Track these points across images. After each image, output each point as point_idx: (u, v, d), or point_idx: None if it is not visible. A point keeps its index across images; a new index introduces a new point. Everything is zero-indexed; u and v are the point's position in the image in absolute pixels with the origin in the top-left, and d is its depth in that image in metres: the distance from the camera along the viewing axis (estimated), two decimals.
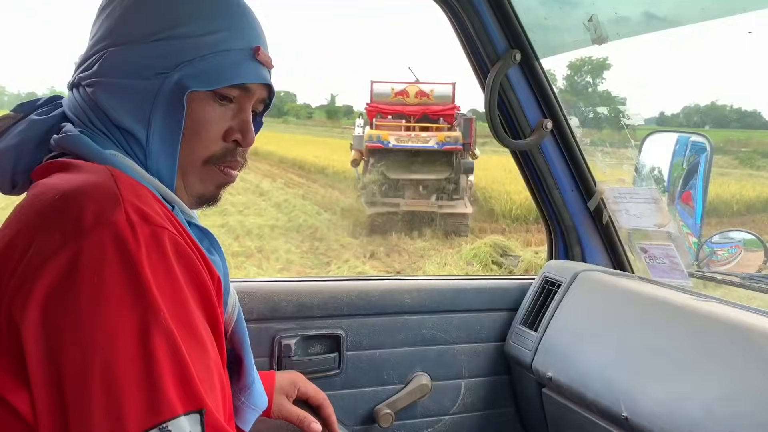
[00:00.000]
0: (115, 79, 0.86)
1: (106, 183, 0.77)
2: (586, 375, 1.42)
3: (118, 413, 0.66)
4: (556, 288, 1.65)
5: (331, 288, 1.60)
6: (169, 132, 0.87)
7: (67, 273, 0.69)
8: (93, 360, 0.67)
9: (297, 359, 1.53)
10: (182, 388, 0.70)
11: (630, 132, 1.82)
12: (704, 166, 1.77)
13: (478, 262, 10.74)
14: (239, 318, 1.03)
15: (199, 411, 0.70)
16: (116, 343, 0.68)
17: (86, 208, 0.73)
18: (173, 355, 0.70)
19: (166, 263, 0.74)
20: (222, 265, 0.93)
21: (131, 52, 0.86)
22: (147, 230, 0.73)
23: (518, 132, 1.70)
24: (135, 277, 0.70)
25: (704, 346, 1.24)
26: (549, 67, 1.66)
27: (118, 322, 0.68)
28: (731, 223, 11.87)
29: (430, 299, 1.67)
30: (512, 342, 1.70)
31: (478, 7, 1.53)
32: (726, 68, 19.25)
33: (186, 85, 0.85)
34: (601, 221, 1.78)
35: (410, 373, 1.66)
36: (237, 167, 0.96)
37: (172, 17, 0.87)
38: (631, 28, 1.48)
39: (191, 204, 0.94)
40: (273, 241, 11.72)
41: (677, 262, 1.69)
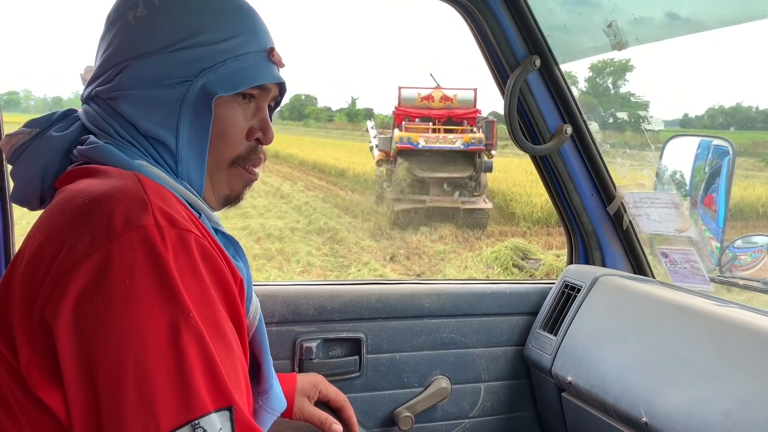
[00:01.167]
0: (138, 91, 0.89)
1: (134, 188, 0.79)
2: (605, 380, 1.43)
3: (151, 411, 0.68)
4: (576, 292, 1.65)
5: (352, 291, 1.62)
6: (197, 137, 0.91)
7: (98, 275, 0.71)
8: (125, 360, 0.69)
9: (318, 362, 1.55)
10: (212, 386, 0.72)
11: (653, 135, 1.81)
12: (727, 170, 1.76)
13: (498, 265, 10.71)
14: (260, 324, 1.04)
15: (228, 408, 0.72)
16: (148, 343, 0.70)
17: (116, 212, 0.74)
18: (203, 354, 0.72)
19: (192, 265, 0.76)
20: (246, 272, 0.95)
21: (152, 63, 0.89)
22: (174, 233, 0.75)
23: (538, 137, 1.70)
24: (164, 279, 0.72)
25: (725, 352, 1.24)
26: (570, 69, 1.67)
27: (149, 322, 0.70)
28: (756, 226, 11.71)
29: (449, 303, 1.68)
30: (532, 346, 1.71)
31: (497, 14, 1.54)
32: (752, 69, 18.92)
33: (212, 91, 0.89)
34: (621, 226, 1.78)
35: (430, 376, 1.68)
36: (259, 164, 1.00)
37: (189, 27, 0.90)
38: (651, 33, 1.48)
39: (217, 205, 0.98)
40: (293, 244, 11.80)
41: (698, 267, 1.68)
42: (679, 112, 23.32)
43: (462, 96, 14.75)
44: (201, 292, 0.76)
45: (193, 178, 0.92)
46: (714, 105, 20.71)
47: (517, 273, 10.40)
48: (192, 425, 0.69)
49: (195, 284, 0.75)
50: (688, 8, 1.42)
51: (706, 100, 37.13)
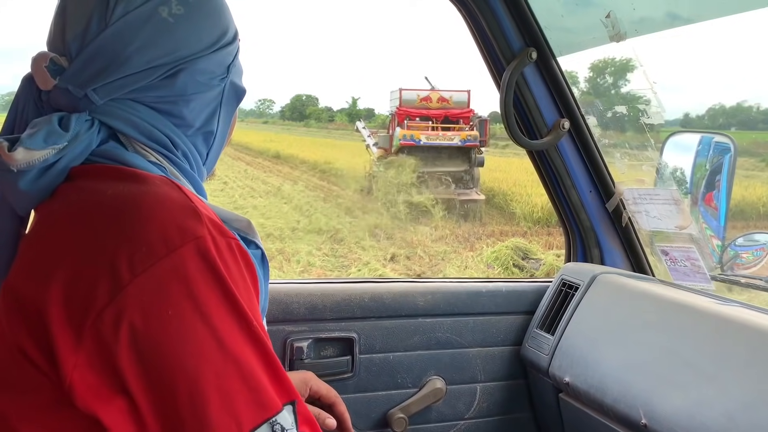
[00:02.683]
0: (198, 94, 0.89)
1: (179, 196, 0.77)
2: (603, 380, 1.39)
3: (233, 413, 0.69)
4: (574, 291, 1.62)
5: (344, 290, 1.58)
6: (225, 133, 0.96)
7: (160, 289, 0.70)
8: (203, 370, 0.69)
9: (309, 362, 1.51)
10: (277, 384, 0.74)
11: (653, 133, 1.78)
12: (728, 167, 1.73)
13: (499, 265, 10.72)
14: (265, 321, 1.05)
15: (292, 402, 0.75)
16: (220, 351, 0.70)
17: (170, 223, 0.73)
18: (264, 355, 0.74)
19: (241, 273, 0.77)
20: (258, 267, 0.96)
21: (204, 64, 0.88)
22: (224, 242, 0.76)
23: (534, 132, 1.67)
24: (224, 288, 0.72)
25: (726, 352, 1.20)
26: (570, 69, 1.64)
27: (218, 332, 0.71)
28: (757, 226, 11.69)
29: (444, 302, 1.65)
30: (528, 346, 1.67)
31: (493, 5, 1.51)
32: (753, 69, 18.70)
33: (241, 86, 0.94)
34: (621, 223, 1.74)
35: (424, 376, 1.64)
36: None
37: (222, 23, 0.91)
38: (650, 25, 1.44)
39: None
40: (294, 244, 11.80)
41: (699, 264, 1.65)
42: (680, 111, 23.29)
43: (457, 97, 16.62)
44: (249, 298, 0.77)
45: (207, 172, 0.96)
46: (715, 104, 20.64)
47: (517, 273, 10.40)
48: (270, 423, 0.71)
49: (245, 291, 0.76)
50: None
51: (708, 100, 37.11)
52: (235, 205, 15.01)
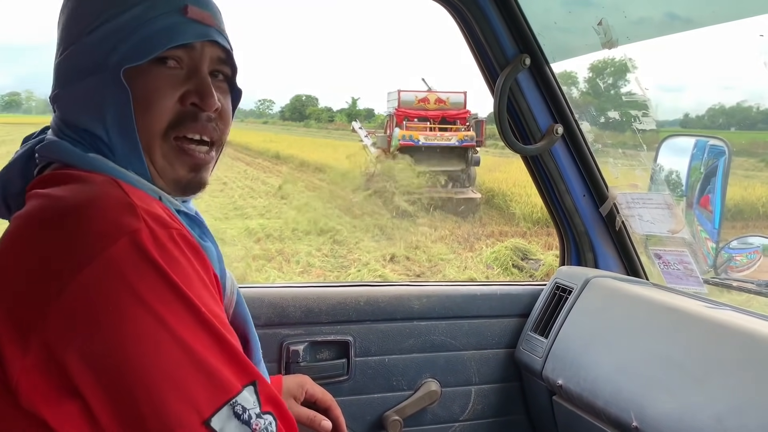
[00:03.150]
0: (70, 84, 0.89)
1: (116, 192, 0.78)
2: (596, 383, 1.41)
3: (190, 401, 0.71)
4: (567, 294, 1.63)
5: (340, 294, 1.60)
6: (123, 119, 0.87)
7: (99, 287, 0.71)
8: (153, 360, 0.71)
9: (305, 365, 1.53)
10: (234, 366, 0.76)
11: (653, 135, 1.79)
12: (722, 170, 1.74)
13: (498, 266, 10.71)
14: (239, 299, 1.03)
15: (252, 382, 0.77)
16: (168, 343, 0.72)
17: (106, 219, 0.74)
18: (218, 340, 0.75)
19: (188, 261, 0.78)
20: (215, 250, 0.94)
21: (76, 53, 0.88)
22: (165, 234, 0.76)
23: (528, 137, 1.68)
24: (165, 278, 0.73)
25: (716, 356, 1.22)
26: (571, 69, 1.64)
27: (165, 322, 0.72)
28: (757, 226, 11.68)
29: (439, 305, 1.66)
30: (523, 348, 1.69)
31: (487, 12, 1.52)
32: (753, 70, 18.89)
33: (122, 65, 0.85)
34: (614, 227, 1.75)
35: (419, 379, 1.65)
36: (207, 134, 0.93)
37: (98, 5, 0.88)
38: (643, 31, 1.46)
39: (176, 191, 0.93)
40: (293, 244, 11.79)
41: (692, 268, 1.66)
42: (680, 112, 23.26)
43: (453, 99, 17.06)
44: (201, 287, 0.78)
45: (135, 164, 0.89)
46: (715, 104, 20.59)
47: (517, 273, 10.40)
48: (230, 405, 0.73)
49: (194, 280, 0.77)
50: (680, 6, 1.40)
51: (708, 100, 36.97)
52: (235, 206, 15.01)
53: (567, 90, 1.68)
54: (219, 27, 0.95)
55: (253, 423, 0.75)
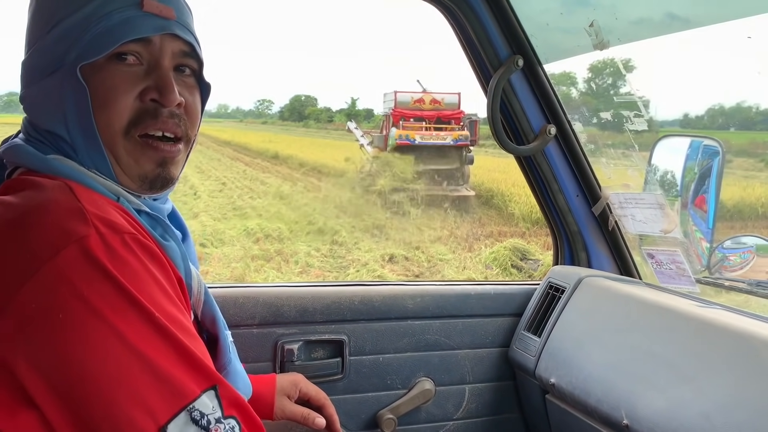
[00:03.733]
0: (32, 86, 0.89)
1: (66, 198, 0.78)
2: (587, 381, 1.42)
3: (145, 408, 0.70)
4: (560, 293, 1.65)
5: (334, 293, 1.61)
6: (82, 117, 0.86)
7: (48, 296, 0.70)
8: (106, 368, 0.70)
9: (300, 364, 1.54)
10: (192, 371, 0.75)
11: (652, 134, 1.80)
12: (717, 170, 1.75)
13: (497, 266, 10.73)
14: (207, 297, 1.00)
15: (213, 387, 0.76)
16: (121, 348, 0.71)
17: (54, 226, 0.73)
18: (174, 345, 0.74)
19: (142, 266, 0.76)
20: (180, 249, 0.92)
21: (35, 54, 0.88)
22: (117, 239, 0.75)
23: (521, 137, 1.69)
24: (116, 284, 0.72)
25: (705, 354, 1.23)
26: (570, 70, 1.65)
27: (116, 329, 0.71)
28: (756, 226, 11.69)
29: (433, 304, 1.67)
30: (516, 348, 1.70)
31: (479, 13, 1.53)
32: (753, 70, 18.87)
33: (78, 63, 0.84)
34: (607, 226, 1.77)
35: (414, 378, 1.67)
36: (169, 130, 0.90)
37: (53, 5, 0.88)
38: (632, 33, 1.47)
39: (142, 189, 0.92)
40: (292, 245, 11.80)
41: (684, 268, 1.67)
42: (680, 112, 23.26)
43: (448, 99, 17.90)
44: (156, 291, 0.77)
45: (98, 163, 0.88)
46: (714, 105, 20.58)
47: (516, 273, 10.41)
48: (187, 410, 0.72)
49: (149, 284, 0.76)
50: (674, 6, 1.41)
51: (707, 100, 36.88)
52: (234, 206, 15.02)
53: (567, 90, 1.68)
54: (181, 20, 0.92)
55: (212, 428, 0.73)
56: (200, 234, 11.67)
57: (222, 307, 1.47)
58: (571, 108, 1.69)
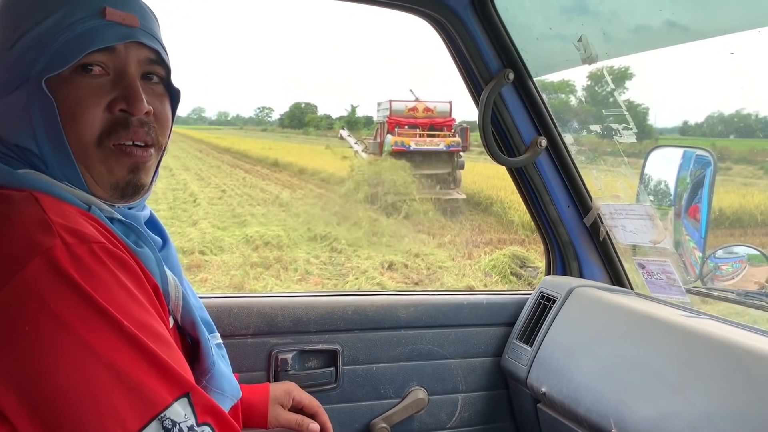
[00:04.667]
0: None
1: (31, 210, 0.78)
2: (578, 391, 1.43)
3: (115, 417, 0.70)
4: (552, 303, 1.66)
5: (328, 303, 1.62)
6: (51, 130, 0.86)
7: (14, 310, 0.70)
8: (75, 380, 0.70)
9: (294, 373, 1.56)
10: (164, 379, 0.74)
11: (651, 141, 1.81)
12: (709, 180, 1.77)
13: (496, 273, 10.72)
14: (185, 302, 0.98)
15: (185, 394, 0.76)
16: (89, 358, 0.71)
17: (19, 239, 0.74)
18: (144, 353, 0.74)
19: (111, 275, 0.76)
20: (153, 255, 0.91)
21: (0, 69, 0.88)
22: (84, 249, 0.75)
23: (513, 149, 1.72)
24: (83, 294, 0.72)
25: (692, 364, 1.24)
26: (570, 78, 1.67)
27: (84, 340, 0.71)
28: (755, 233, 11.69)
29: (426, 314, 1.69)
30: (508, 357, 1.72)
31: (470, 28, 1.56)
32: (752, 78, 18.85)
33: (43, 76, 0.84)
34: (598, 237, 1.78)
35: (407, 387, 1.68)
36: (139, 138, 0.90)
37: (15, 19, 0.87)
38: (622, 48, 1.50)
39: (114, 197, 0.91)
40: (291, 252, 11.80)
41: (674, 278, 1.69)
42: (679, 119, 23.30)
43: (440, 108, 18.85)
44: (126, 300, 0.77)
45: (70, 175, 0.88)
46: (714, 112, 20.58)
47: (515, 281, 10.41)
48: (159, 419, 0.72)
49: (118, 293, 0.76)
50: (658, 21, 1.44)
51: (707, 108, 36.96)
52: (233, 213, 15.03)
53: (565, 98, 1.70)
54: (146, 27, 0.92)
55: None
56: (200, 241, 11.68)
57: (216, 317, 1.49)
58: (570, 117, 1.71)
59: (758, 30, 1.29)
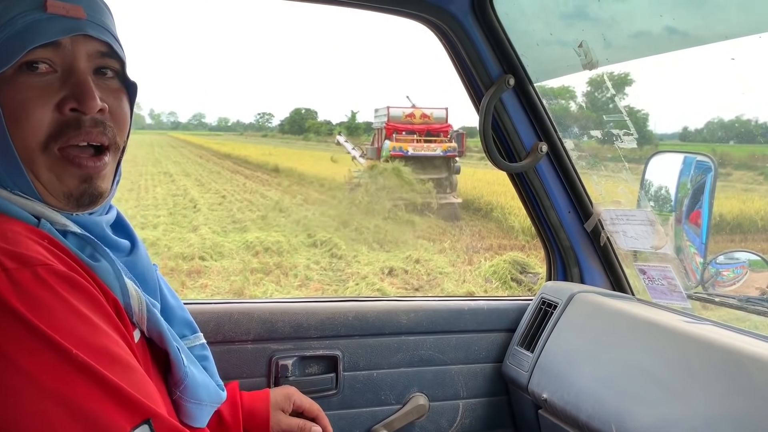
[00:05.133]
0: None
1: None
2: (579, 397, 1.43)
3: None
4: (553, 309, 1.66)
5: (328, 309, 1.62)
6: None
7: None
8: (21, 415, 0.65)
9: (294, 379, 1.55)
10: (120, 407, 0.70)
11: (651, 146, 1.81)
12: (709, 186, 1.77)
13: (497, 279, 10.70)
14: (150, 313, 0.91)
15: (146, 421, 0.71)
16: (35, 392, 0.66)
17: None
18: (98, 382, 0.69)
19: (56, 299, 0.71)
20: (112, 267, 0.85)
21: None
22: (27, 273, 0.71)
23: (513, 154, 1.72)
24: (26, 323, 0.68)
25: (694, 370, 1.24)
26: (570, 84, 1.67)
27: (29, 372, 0.67)
28: (755, 239, 11.68)
29: (427, 320, 1.69)
30: (509, 363, 1.71)
31: (471, 34, 1.56)
32: (752, 83, 18.74)
33: None
34: (599, 242, 1.78)
35: (407, 393, 1.68)
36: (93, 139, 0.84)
37: None
38: (622, 53, 1.50)
39: (69, 206, 0.86)
40: (291, 258, 11.80)
41: (675, 283, 1.69)
42: (678, 125, 23.35)
43: (437, 114, 19.42)
44: (77, 324, 0.72)
45: (19, 182, 0.82)
46: (714, 118, 20.58)
47: (515, 287, 10.39)
48: None
49: (67, 319, 0.71)
50: (658, 24, 1.44)
51: (706, 114, 36.96)
52: (233, 219, 15.03)
53: (565, 104, 1.71)
54: (94, 18, 0.85)
55: None
56: (200, 247, 11.68)
57: (217, 322, 1.49)
58: (570, 122, 1.71)
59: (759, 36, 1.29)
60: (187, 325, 1.07)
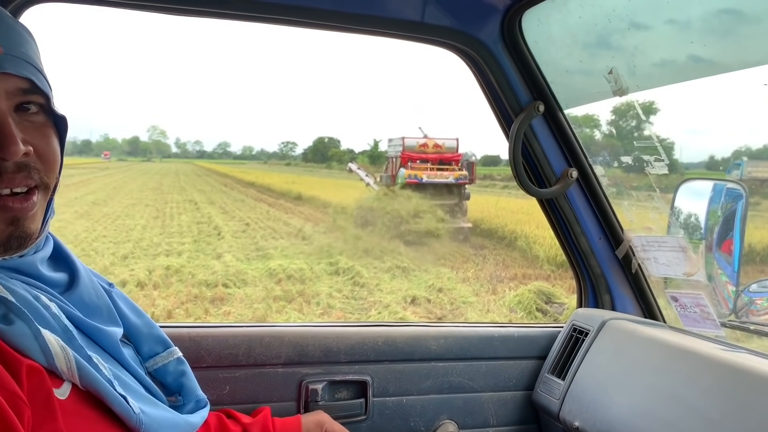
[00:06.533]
0: None
1: None
2: (612, 425, 1.41)
3: None
4: (584, 336, 1.65)
5: (358, 333, 1.62)
6: None
7: None
8: None
9: (323, 404, 1.55)
10: None
11: (678, 175, 1.80)
12: (741, 214, 1.75)
13: (521, 309, 10.60)
14: (80, 366, 0.82)
15: None
16: None
17: None
18: None
19: None
20: (30, 328, 0.78)
21: None
22: None
23: (543, 180, 1.72)
24: None
25: (731, 398, 1.22)
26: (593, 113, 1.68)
27: None
28: None
29: (457, 346, 1.68)
30: (540, 390, 1.69)
31: (501, 62, 1.58)
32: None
33: None
34: (630, 269, 1.77)
35: (437, 420, 1.66)
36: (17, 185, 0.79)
37: None
38: (651, 80, 1.51)
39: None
40: (314, 285, 11.81)
41: (708, 311, 1.66)
42: (705, 153, 23.17)
43: (448, 144, 20.97)
44: None
45: None
46: (741, 147, 20.42)
47: (540, 317, 10.28)
48: None
49: None
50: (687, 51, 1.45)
51: (733, 142, 36.57)
52: (257, 247, 15.12)
53: (590, 132, 1.71)
54: (13, 52, 0.79)
55: None
56: (223, 274, 11.75)
57: (248, 346, 1.50)
58: (598, 149, 1.71)
59: None
60: (158, 342, 1.03)
